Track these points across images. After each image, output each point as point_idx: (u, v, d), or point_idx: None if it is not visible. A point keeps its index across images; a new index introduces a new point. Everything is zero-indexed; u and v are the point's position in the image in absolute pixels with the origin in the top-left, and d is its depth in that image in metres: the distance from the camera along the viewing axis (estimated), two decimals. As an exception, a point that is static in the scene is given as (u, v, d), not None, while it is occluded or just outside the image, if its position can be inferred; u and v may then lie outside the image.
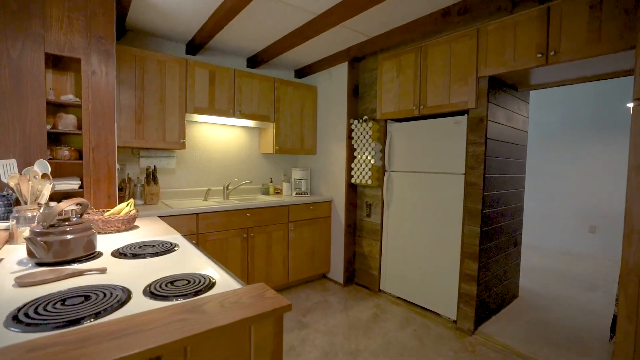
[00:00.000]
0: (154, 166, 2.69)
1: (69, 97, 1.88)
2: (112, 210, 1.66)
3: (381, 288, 3.12)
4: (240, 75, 3.01)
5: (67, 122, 1.88)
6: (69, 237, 1.15)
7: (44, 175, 1.62)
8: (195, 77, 2.75)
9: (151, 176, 2.63)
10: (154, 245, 1.37)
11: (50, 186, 1.56)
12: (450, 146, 2.52)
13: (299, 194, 3.47)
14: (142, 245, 1.35)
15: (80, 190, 1.89)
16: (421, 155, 2.71)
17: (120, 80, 2.41)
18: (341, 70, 3.28)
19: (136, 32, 2.73)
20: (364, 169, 3.10)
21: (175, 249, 1.34)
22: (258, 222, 2.89)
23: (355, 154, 3.20)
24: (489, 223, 2.46)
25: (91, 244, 1.23)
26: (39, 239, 1.09)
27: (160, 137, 2.61)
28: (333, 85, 3.39)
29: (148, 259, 1.20)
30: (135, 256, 1.22)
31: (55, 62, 1.91)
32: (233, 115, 2.98)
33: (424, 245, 2.70)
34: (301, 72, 3.70)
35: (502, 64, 2.18)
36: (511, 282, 2.90)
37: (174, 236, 1.56)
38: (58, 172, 1.90)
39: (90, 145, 1.89)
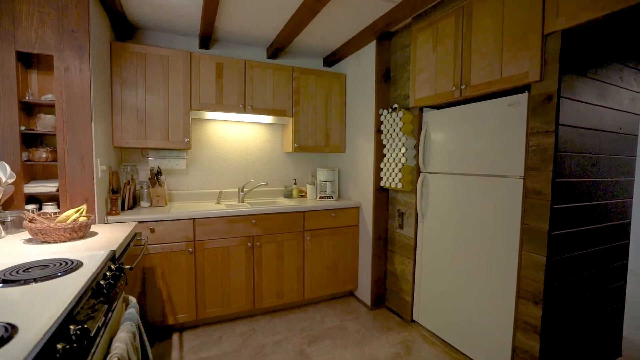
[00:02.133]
0: (158, 167, 2.58)
1: (47, 97, 1.81)
2: (60, 217, 1.50)
3: (414, 318, 2.50)
4: (252, 66, 2.72)
5: (45, 122, 1.82)
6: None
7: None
8: (200, 71, 2.56)
9: (155, 177, 2.52)
10: (46, 267, 1.12)
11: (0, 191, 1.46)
12: (502, 138, 1.80)
13: (323, 198, 3.04)
14: (31, 267, 1.11)
15: (57, 193, 1.81)
16: (464, 152, 2.03)
17: (122, 79, 2.34)
18: (369, 52, 2.73)
19: (143, 30, 2.66)
20: (393, 169, 2.52)
21: (73, 271, 1.07)
22: (266, 230, 2.56)
23: (385, 151, 2.63)
24: (564, 250, 1.67)
25: (-30, 263, 1.04)
26: None
27: (163, 136, 2.48)
28: (361, 70, 2.87)
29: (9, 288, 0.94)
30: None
31: (39, 61, 1.87)
32: (243, 111, 2.71)
33: (466, 272, 2.02)
34: (329, 60, 3.25)
35: (588, 5, 1.41)
36: (607, 335, 2.00)
37: (99, 252, 1.30)
38: (36, 174, 1.86)
39: (65, 147, 1.80)
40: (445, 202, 2.17)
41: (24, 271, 1.07)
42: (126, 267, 1.42)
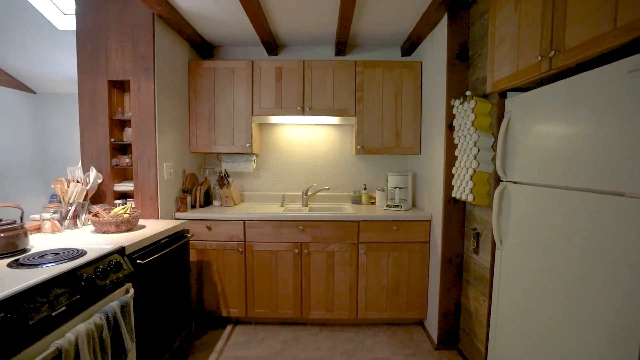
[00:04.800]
0: (225, 170, 2.82)
1: (129, 114, 2.24)
2: (111, 213, 1.82)
3: (488, 377, 1.85)
4: (310, 66, 2.63)
5: (128, 134, 2.25)
6: (-7, 237, 1.31)
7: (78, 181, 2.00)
8: (261, 78, 2.65)
9: (223, 179, 2.77)
10: (57, 252, 1.35)
11: (79, 189, 1.89)
12: (620, 129, 1.09)
13: (390, 206, 2.65)
14: (46, 254, 1.35)
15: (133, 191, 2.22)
16: (563, 153, 1.32)
17: (197, 92, 2.67)
18: (442, 29, 2.20)
19: (220, 47, 2.95)
20: (464, 176, 1.94)
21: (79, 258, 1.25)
22: (315, 238, 2.42)
23: (457, 152, 2.06)
24: None
25: (13, 245, 1.35)
26: (-38, 236, 1.30)
27: (229, 142, 2.69)
28: (435, 53, 2.35)
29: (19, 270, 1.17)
30: (18, 264, 1.23)
31: (124, 86, 2.33)
32: (302, 113, 2.65)
33: (567, 326, 1.32)
34: (406, 48, 2.80)
35: None
36: None
37: (107, 247, 1.48)
38: (123, 176, 2.32)
39: (137, 154, 2.18)
40: (535, 226, 1.48)
41: (39, 255, 1.32)
42: (138, 261, 1.58)
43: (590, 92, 1.19)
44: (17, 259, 1.28)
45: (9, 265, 1.23)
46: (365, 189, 2.98)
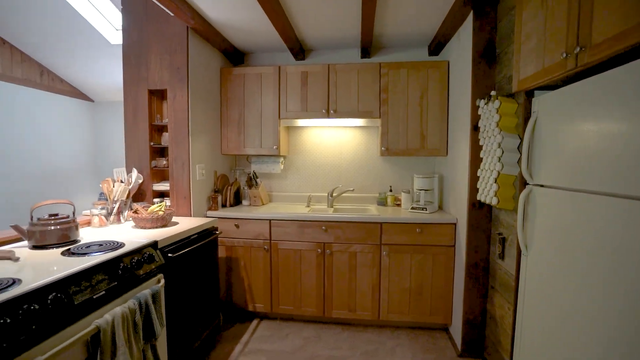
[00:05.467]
0: (254, 171, 2.95)
1: (166, 120, 2.44)
2: (148, 210, 2.00)
3: (512, 389, 1.76)
4: (335, 70, 2.67)
5: (165, 139, 2.46)
6: (50, 227, 1.52)
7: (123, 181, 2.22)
8: (287, 82, 2.75)
9: (251, 180, 2.91)
10: (101, 243, 1.53)
11: (122, 189, 2.11)
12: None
13: (415, 209, 2.61)
14: (92, 245, 1.53)
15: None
16: (595, 155, 1.24)
17: (228, 98, 2.83)
18: (467, 26, 2.15)
19: (251, 54, 3.10)
20: (488, 179, 1.88)
21: (120, 249, 1.41)
22: (337, 238, 2.46)
23: (482, 154, 1.99)
24: None
25: (66, 236, 1.56)
26: (26, 227, 1.51)
27: (257, 144, 2.82)
28: (461, 51, 2.28)
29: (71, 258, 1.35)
30: (70, 252, 1.42)
31: (163, 94, 2.53)
32: (327, 116, 2.71)
33: (596, 340, 1.25)
34: (433, 48, 2.75)
35: None
36: None
37: (142, 240, 1.64)
38: (161, 176, 2.52)
39: (173, 156, 2.37)
40: (562, 232, 1.40)
41: (86, 246, 1.51)
42: (169, 254, 1.73)
43: (627, 87, 1.10)
44: (69, 248, 1.48)
45: (62, 253, 1.43)
46: (390, 190, 2.97)
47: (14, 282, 1.08)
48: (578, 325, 1.26)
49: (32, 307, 1.01)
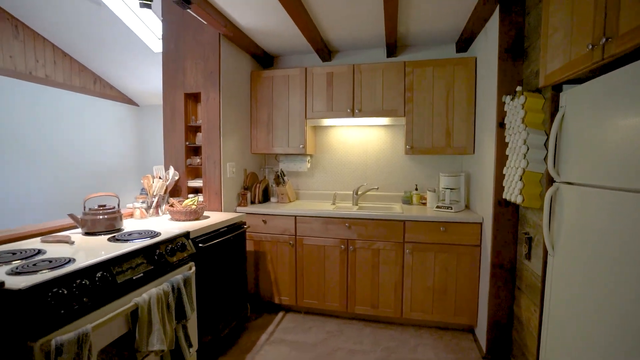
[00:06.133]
0: (281, 170, 3.06)
1: (199, 121, 2.62)
2: (183, 204, 2.18)
3: (538, 394, 1.70)
4: (360, 70, 2.72)
5: (199, 138, 2.64)
6: (99, 217, 1.73)
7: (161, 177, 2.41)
8: (314, 83, 2.83)
9: (279, 178, 3.02)
10: (140, 232, 1.70)
11: (160, 184, 2.30)
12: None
13: (440, 207, 2.58)
14: (133, 232, 1.71)
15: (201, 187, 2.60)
16: (627, 151, 1.18)
17: (257, 99, 2.98)
18: (494, 21, 2.10)
19: (280, 57, 3.22)
20: (513, 176, 1.83)
21: (156, 238, 1.58)
22: (361, 235, 2.50)
23: (507, 151, 1.94)
24: None
25: (112, 225, 1.75)
26: (79, 216, 1.72)
27: (284, 144, 2.93)
28: (488, 47, 2.23)
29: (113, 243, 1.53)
30: (114, 239, 1.60)
31: (197, 97, 2.72)
32: (352, 115, 2.76)
33: (624, 347, 1.20)
34: (460, 45, 2.70)
35: None
36: None
37: (176, 231, 1.80)
38: (195, 174, 2.71)
39: (205, 155, 2.54)
40: (590, 232, 1.34)
41: (128, 234, 1.69)
42: (200, 244, 1.88)
43: (643, 82, 1.06)
44: (114, 235, 1.67)
45: (109, 239, 1.61)
46: (416, 189, 2.95)
47: (70, 260, 1.25)
48: (606, 330, 1.22)
49: (83, 282, 1.17)
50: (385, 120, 2.87)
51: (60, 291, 1.08)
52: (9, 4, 3.31)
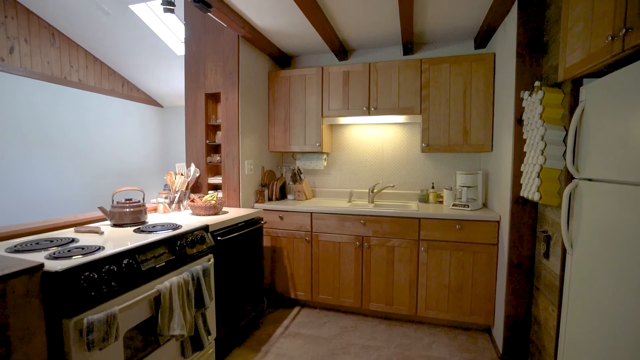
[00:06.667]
0: (298, 167, 3.12)
1: (219, 120, 2.72)
2: (202, 200, 2.27)
3: (555, 396, 1.66)
4: (375, 68, 2.73)
5: (219, 137, 2.74)
6: (126, 210, 1.84)
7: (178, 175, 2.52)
8: (330, 82, 2.87)
9: (296, 176, 3.08)
10: (163, 224, 1.79)
11: (182, 181, 2.41)
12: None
13: (457, 205, 2.56)
14: (157, 225, 1.81)
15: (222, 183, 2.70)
16: None
17: (275, 99, 3.05)
18: (513, 16, 2.06)
19: (297, 57, 3.28)
20: (531, 173, 1.79)
21: (177, 229, 1.67)
22: (376, 232, 2.52)
23: (525, 147, 1.90)
24: None
25: (137, 218, 1.86)
26: (108, 209, 1.84)
27: (301, 142, 2.99)
28: (506, 42, 2.19)
29: (139, 234, 1.63)
30: (140, 230, 1.70)
31: (217, 98, 2.82)
32: (367, 113, 2.78)
33: None
34: (479, 41, 2.65)
35: None
36: None
37: (196, 224, 1.88)
38: (215, 171, 2.81)
39: (225, 153, 2.64)
40: (612, 230, 1.30)
41: (152, 226, 1.79)
42: (218, 237, 1.96)
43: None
44: (139, 227, 1.77)
45: (134, 230, 1.72)
46: (433, 187, 2.93)
47: (99, 248, 1.35)
48: (626, 332, 1.18)
49: (111, 268, 1.26)
50: (401, 118, 2.87)
51: (91, 275, 1.17)
52: (48, 15, 3.55)
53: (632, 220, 1.17)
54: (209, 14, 2.15)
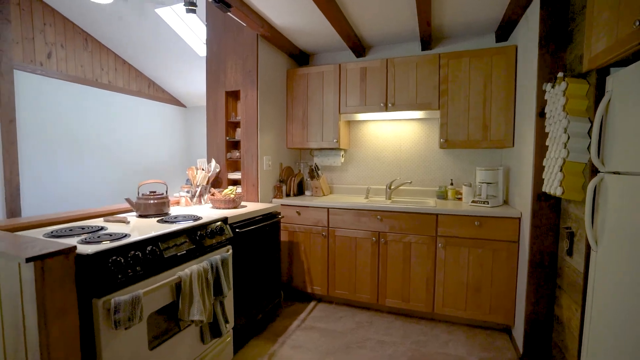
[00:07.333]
0: (315, 164, 3.15)
1: (238, 117, 2.80)
2: (222, 194, 2.35)
3: (578, 398, 1.60)
4: (392, 64, 2.72)
5: (238, 134, 2.82)
6: (150, 202, 1.94)
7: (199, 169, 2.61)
8: (347, 79, 2.88)
9: (313, 172, 3.11)
10: (185, 216, 1.87)
11: (203, 176, 2.50)
12: None
13: (476, 202, 2.50)
14: (179, 215, 1.89)
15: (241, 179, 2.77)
16: None
17: (293, 96, 3.10)
18: (535, 6, 2.00)
19: (315, 54, 3.32)
20: (553, 167, 1.74)
21: (198, 221, 1.75)
22: (392, 228, 2.51)
23: (547, 141, 1.84)
24: None
25: (161, 209, 1.95)
26: (134, 201, 1.95)
27: (319, 138, 3.02)
28: (528, 34, 2.13)
29: (162, 224, 1.72)
30: (163, 221, 1.79)
31: (237, 95, 2.90)
32: (385, 109, 2.77)
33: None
34: (500, 33, 2.58)
35: None
36: None
37: (216, 217, 1.95)
38: (234, 167, 2.89)
39: (244, 149, 2.71)
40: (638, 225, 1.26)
41: (174, 217, 1.87)
42: (236, 230, 2.03)
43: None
44: (162, 218, 1.86)
45: (158, 221, 1.81)
46: (452, 184, 2.88)
47: (126, 235, 1.44)
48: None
49: (136, 254, 1.34)
50: (419, 114, 2.83)
51: (118, 259, 1.25)
52: (81, 21, 3.77)
53: (659, 214, 1.11)
54: (228, 13, 2.22)
